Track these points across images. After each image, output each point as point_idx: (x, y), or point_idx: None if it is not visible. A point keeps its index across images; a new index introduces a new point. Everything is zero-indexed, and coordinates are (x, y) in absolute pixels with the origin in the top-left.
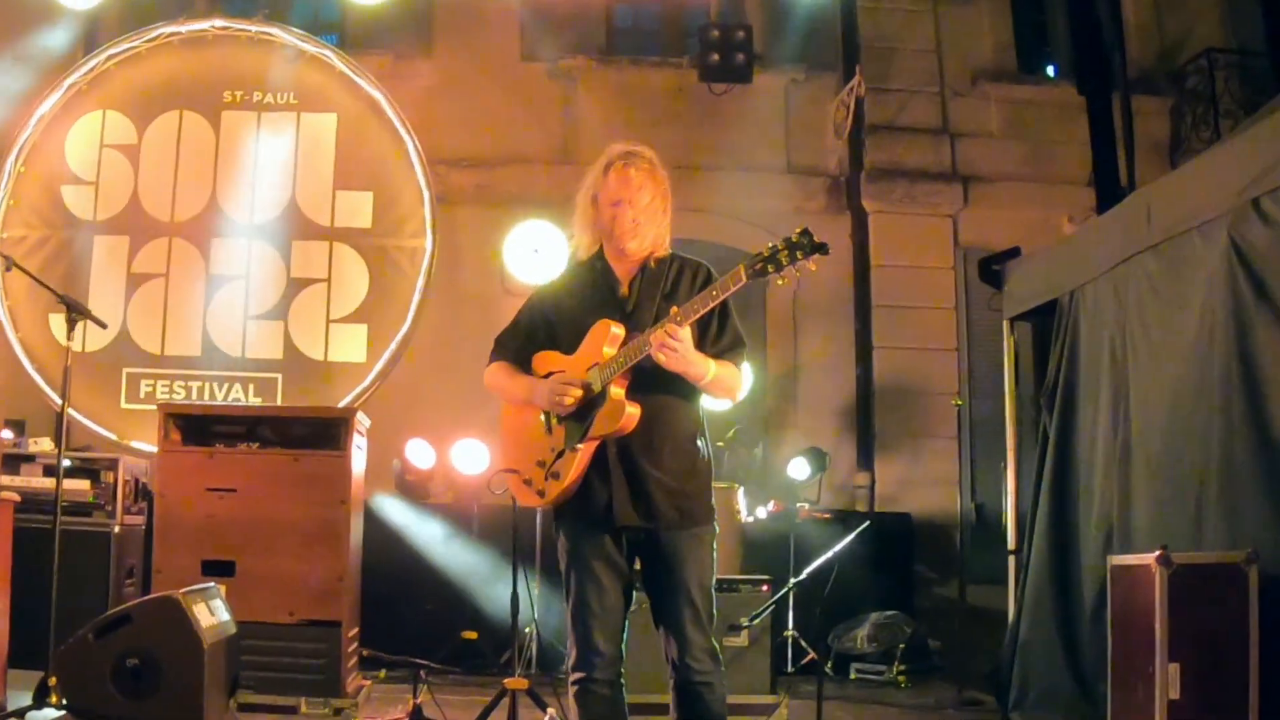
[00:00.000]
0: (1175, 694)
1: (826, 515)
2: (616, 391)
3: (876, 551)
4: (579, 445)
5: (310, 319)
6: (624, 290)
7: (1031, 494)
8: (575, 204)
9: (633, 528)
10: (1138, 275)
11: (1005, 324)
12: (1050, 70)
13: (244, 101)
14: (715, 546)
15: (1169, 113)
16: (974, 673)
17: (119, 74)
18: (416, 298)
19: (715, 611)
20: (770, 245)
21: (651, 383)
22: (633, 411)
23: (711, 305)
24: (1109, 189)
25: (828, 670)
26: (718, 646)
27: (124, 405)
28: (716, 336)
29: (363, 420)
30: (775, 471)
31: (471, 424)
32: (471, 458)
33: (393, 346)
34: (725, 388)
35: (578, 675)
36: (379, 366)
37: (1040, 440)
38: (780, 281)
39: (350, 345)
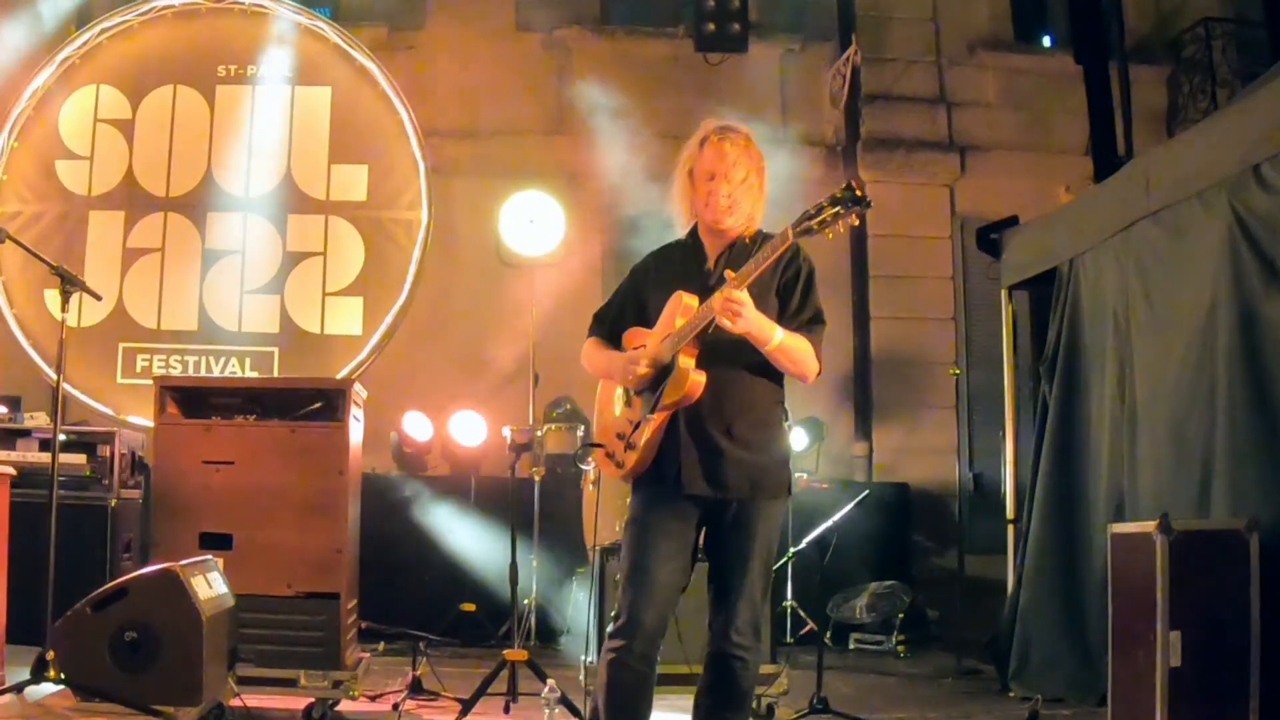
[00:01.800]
0: (1176, 662)
1: (825, 485)
2: (684, 360)
3: (874, 521)
4: (650, 415)
5: (306, 292)
6: (710, 265)
7: (1031, 463)
8: (672, 180)
9: (702, 498)
10: (1138, 243)
11: (1003, 293)
12: (1047, 40)
13: (238, 75)
14: (784, 521)
15: (1166, 82)
16: (973, 642)
17: (112, 48)
18: (412, 270)
19: (770, 588)
20: (816, 204)
21: (730, 354)
22: (697, 378)
23: (763, 268)
24: (1106, 158)
25: (826, 641)
26: (763, 623)
27: (120, 380)
28: (798, 310)
29: (360, 391)
30: None
31: (468, 396)
32: (469, 429)
33: (389, 319)
34: (794, 360)
35: (614, 643)
36: (375, 339)
37: (1040, 409)
38: (829, 236)
39: (346, 318)
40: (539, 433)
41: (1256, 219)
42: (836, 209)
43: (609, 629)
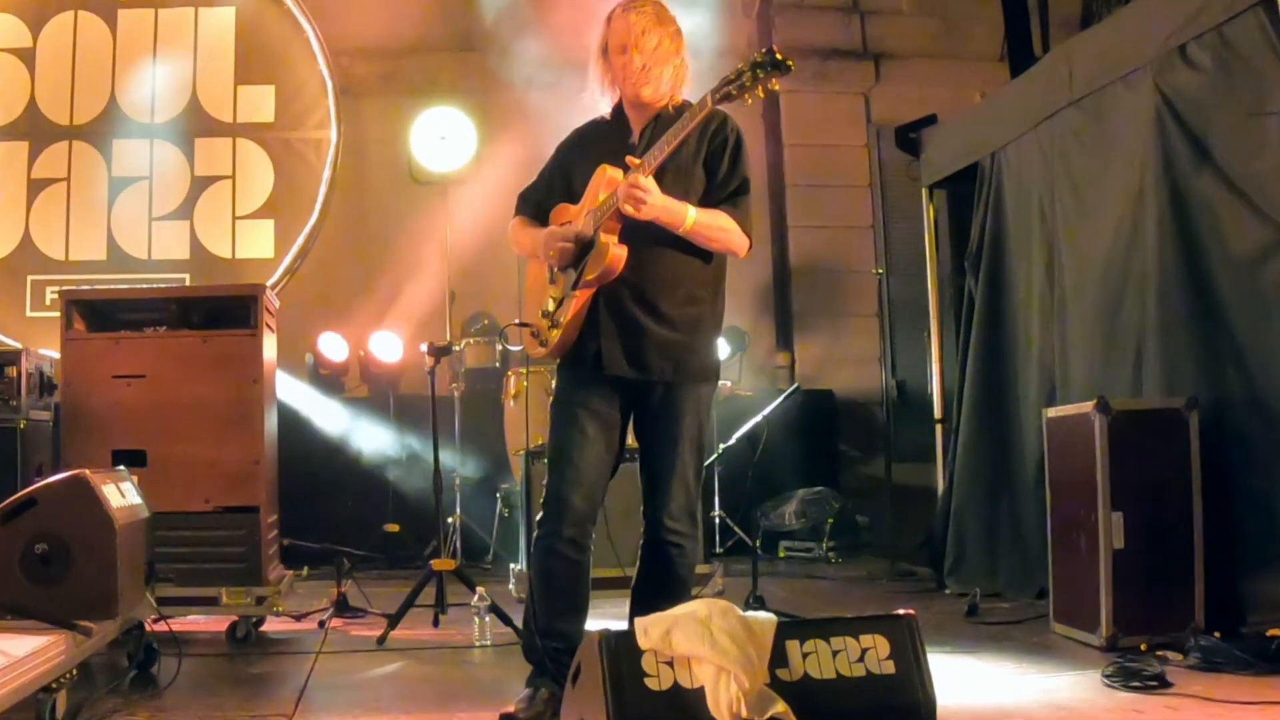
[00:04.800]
0: (1119, 544)
1: (749, 393)
2: (605, 235)
3: (801, 429)
4: (573, 292)
5: (216, 217)
6: (635, 139)
7: (959, 361)
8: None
9: (624, 379)
10: (1062, 131)
11: (924, 192)
12: None
13: None
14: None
15: None
16: (904, 547)
17: None
18: (323, 190)
19: (704, 472)
20: (736, 69)
21: (654, 229)
22: (618, 253)
23: (676, 143)
24: (1023, 64)
25: (756, 547)
26: (698, 508)
27: (29, 314)
28: (726, 179)
29: (272, 299)
30: None
31: (384, 315)
32: (386, 348)
33: (300, 240)
34: (713, 239)
35: (543, 531)
36: (287, 261)
37: (966, 305)
38: (748, 101)
39: (258, 241)
40: (457, 347)
41: (1183, 98)
42: (757, 72)
43: (538, 518)
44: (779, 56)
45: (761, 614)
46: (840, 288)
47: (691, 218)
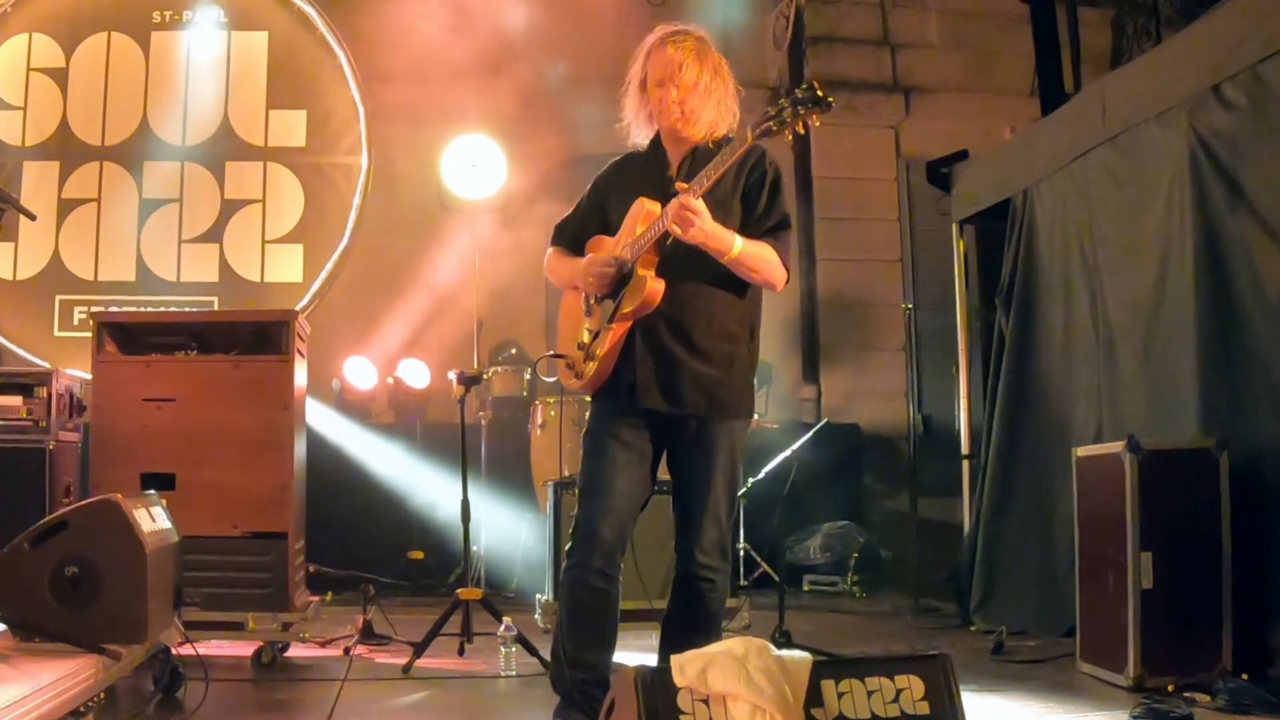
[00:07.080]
0: (1148, 583)
1: (774, 425)
2: (643, 268)
3: (827, 463)
4: (610, 325)
5: (246, 240)
6: (673, 172)
7: (987, 396)
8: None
9: (658, 412)
10: (1096, 169)
11: (954, 227)
12: None
13: (173, 21)
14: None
15: (1110, 24)
16: (929, 582)
17: None
18: (353, 216)
19: (736, 508)
20: (777, 104)
21: (691, 264)
22: (655, 286)
23: (720, 172)
24: (1054, 98)
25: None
26: (730, 544)
27: (57, 334)
28: (764, 215)
29: (304, 325)
30: None
31: (411, 341)
32: (413, 375)
33: (330, 265)
34: (755, 269)
35: (572, 561)
36: (316, 286)
37: (996, 341)
38: (787, 137)
39: (287, 265)
40: (485, 375)
41: (1218, 138)
42: (797, 108)
43: (567, 548)
44: (820, 93)
45: (797, 653)
46: (868, 321)
47: (738, 246)
